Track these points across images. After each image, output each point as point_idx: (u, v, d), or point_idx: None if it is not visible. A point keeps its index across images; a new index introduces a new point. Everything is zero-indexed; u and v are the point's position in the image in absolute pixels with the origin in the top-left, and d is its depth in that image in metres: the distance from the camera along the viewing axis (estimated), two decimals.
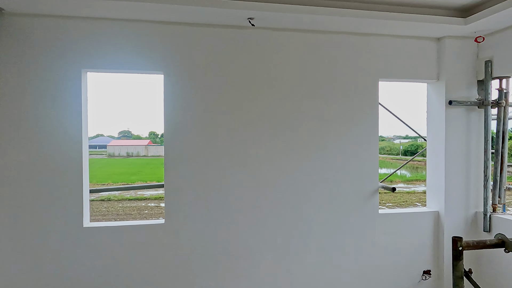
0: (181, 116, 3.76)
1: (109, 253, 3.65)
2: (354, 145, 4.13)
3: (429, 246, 4.34)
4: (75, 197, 3.56)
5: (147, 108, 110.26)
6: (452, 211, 4.27)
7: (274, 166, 3.95)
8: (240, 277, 3.92)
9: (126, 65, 3.65)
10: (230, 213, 3.87)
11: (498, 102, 4.18)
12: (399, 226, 4.27)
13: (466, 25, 3.81)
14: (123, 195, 23.34)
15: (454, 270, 2.19)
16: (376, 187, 4.20)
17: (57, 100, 3.51)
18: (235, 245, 3.89)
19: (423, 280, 4.31)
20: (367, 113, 4.16)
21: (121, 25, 3.60)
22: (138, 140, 70.02)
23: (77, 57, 3.53)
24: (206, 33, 3.78)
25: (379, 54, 4.16)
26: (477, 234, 4.28)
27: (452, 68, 4.23)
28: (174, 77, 3.74)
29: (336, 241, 4.10)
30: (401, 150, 48.26)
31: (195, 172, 3.79)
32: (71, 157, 3.55)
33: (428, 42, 4.29)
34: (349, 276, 4.14)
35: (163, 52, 3.71)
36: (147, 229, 3.74)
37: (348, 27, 3.88)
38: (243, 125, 3.88)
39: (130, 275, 3.70)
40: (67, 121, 3.54)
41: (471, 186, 4.31)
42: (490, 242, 2.24)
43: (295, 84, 3.98)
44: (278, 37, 3.93)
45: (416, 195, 23.09)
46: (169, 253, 3.76)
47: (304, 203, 4.02)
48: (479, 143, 4.30)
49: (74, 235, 3.57)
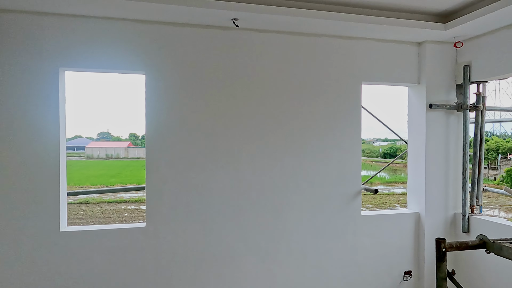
0: (163, 117, 3.69)
1: (87, 258, 3.53)
2: (337, 147, 4.15)
3: (410, 247, 4.40)
4: (52, 200, 3.43)
5: (128, 109, 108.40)
6: (432, 212, 4.35)
7: (257, 169, 3.92)
8: (222, 281, 3.86)
9: (106, 65, 3.55)
10: (212, 216, 3.81)
11: (476, 106, 4.29)
12: (381, 228, 4.31)
13: (446, 31, 3.89)
14: (102, 197, 22.82)
15: (437, 271, 2.21)
16: (359, 189, 4.23)
17: (34, 99, 3.38)
18: (217, 248, 3.84)
19: (404, 281, 4.36)
20: (350, 116, 4.19)
21: (101, 23, 3.51)
22: (118, 141, 68.73)
23: (55, 55, 3.41)
24: (189, 33, 3.72)
25: (362, 58, 4.20)
26: (456, 235, 4.37)
27: (432, 72, 4.31)
28: (156, 77, 3.67)
29: (319, 243, 4.11)
30: (381, 152, 49.17)
31: (177, 174, 3.72)
32: (48, 159, 3.42)
33: (409, 47, 4.36)
34: (331, 277, 4.15)
35: (145, 51, 3.63)
36: (127, 233, 3.64)
37: (331, 30, 3.90)
38: (225, 127, 3.84)
39: (109, 281, 3.59)
40: (44, 121, 3.41)
41: (450, 188, 4.41)
42: (472, 243, 2.28)
43: (278, 86, 3.97)
44: (261, 38, 3.91)
45: (395, 196, 23.55)
46: (150, 257, 3.67)
47: (286, 206, 4.01)
48: (457, 145, 4.40)
49: (51, 239, 3.44)
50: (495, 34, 3.89)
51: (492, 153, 34.69)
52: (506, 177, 25.06)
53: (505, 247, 2.18)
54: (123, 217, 18.22)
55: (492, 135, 44.49)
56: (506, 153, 34.48)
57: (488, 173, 31.48)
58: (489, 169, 32.73)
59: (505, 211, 19.82)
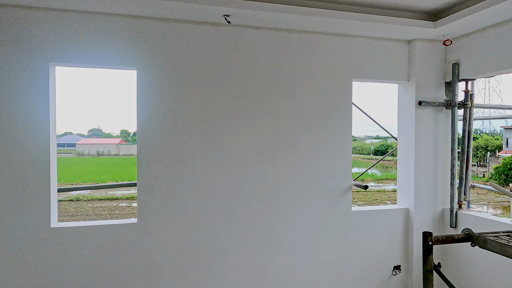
0: (154, 113, 3.69)
1: (78, 254, 3.52)
2: (328, 144, 4.19)
3: (399, 242, 4.47)
4: (42, 196, 3.41)
5: (119, 105, 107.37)
6: (421, 208, 4.42)
7: (248, 165, 3.94)
8: (214, 276, 3.88)
9: (97, 60, 3.53)
10: (203, 212, 3.83)
11: (464, 103, 4.36)
12: (371, 223, 4.37)
13: (435, 29, 3.95)
14: (93, 194, 22.70)
15: (424, 264, 2.26)
16: (349, 185, 4.28)
17: (23, 95, 3.35)
18: (209, 244, 3.86)
19: (393, 275, 4.43)
20: (341, 112, 4.22)
21: (92, 17, 3.48)
22: (109, 138, 68.25)
23: (45, 50, 3.38)
24: (181, 29, 3.72)
25: (353, 55, 4.24)
26: (444, 230, 4.45)
27: (422, 70, 4.37)
28: (148, 73, 3.66)
29: (310, 238, 4.15)
30: (372, 150, 49.60)
31: (168, 170, 3.72)
32: (38, 154, 3.40)
33: (399, 44, 4.41)
34: (322, 272, 4.20)
35: (136, 47, 3.61)
36: (118, 229, 3.64)
37: (322, 27, 3.92)
38: (217, 123, 3.85)
39: (100, 277, 3.58)
40: (33, 117, 3.38)
41: (439, 184, 4.48)
42: (458, 236, 2.33)
43: (269, 82, 3.99)
44: (253, 35, 3.92)
45: (386, 193, 23.82)
46: (141, 253, 3.68)
47: (278, 201, 4.04)
48: (446, 142, 4.47)
49: (41, 236, 3.42)
50: (483, 32, 3.95)
51: (481, 151, 35.22)
52: (494, 174, 25.48)
53: (490, 240, 2.23)
54: (115, 214, 18.14)
55: (481, 132, 45.13)
56: (495, 151, 35.03)
57: (477, 170, 31.95)
58: (478, 166, 33.22)
59: (493, 207, 20.18)
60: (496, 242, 2.18)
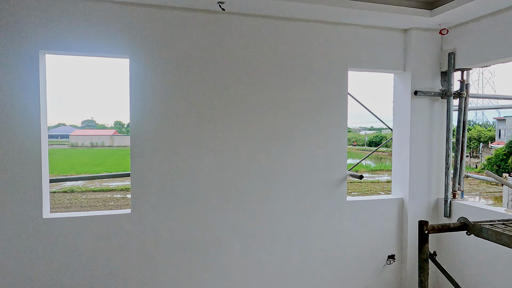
0: (147, 102, 3.63)
1: (71, 245, 3.49)
2: (323, 133, 4.16)
3: (393, 232, 4.49)
4: (34, 186, 3.35)
5: (113, 96, 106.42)
6: (415, 197, 4.43)
7: (243, 155, 3.91)
8: (209, 266, 3.88)
9: (88, 48, 3.45)
10: (197, 202, 3.80)
11: (460, 93, 4.35)
12: (366, 213, 4.38)
13: (431, 17, 3.91)
14: (87, 186, 22.58)
15: (419, 252, 2.26)
16: (344, 175, 4.27)
17: (12, 83, 3.27)
18: (203, 234, 3.84)
19: (387, 264, 4.46)
20: (336, 102, 4.19)
21: (83, 4, 3.39)
22: (103, 129, 67.73)
23: (34, 37, 3.29)
24: (174, 16, 3.64)
25: (348, 44, 4.20)
26: (438, 219, 4.48)
27: (417, 59, 4.34)
28: (141, 62, 3.59)
29: (305, 228, 4.15)
30: (366, 141, 49.79)
31: (162, 160, 3.68)
32: (29, 144, 3.33)
33: (395, 33, 4.37)
34: (317, 262, 4.21)
35: (128, 35, 3.54)
36: (112, 219, 3.60)
37: (318, 15, 3.87)
38: (211, 113, 3.80)
39: (93, 268, 3.56)
40: (23, 106, 3.31)
41: (433, 173, 4.49)
42: (453, 225, 2.33)
43: (264, 71, 3.94)
44: (248, 23, 3.86)
45: (380, 184, 23.97)
46: (136, 244, 3.65)
47: (273, 192, 4.02)
48: (441, 132, 4.47)
49: (33, 226, 3.38)
50: (479, 21, 3.92)
51: (474, 142, 35.52)
52: (487, 165, 25.73)
53: (485, 229, 2.23)
54: (109, 206, 18.07)
55: (474, 124, 45.44)
56: (487, 142, 35.36)
57: (470, 161, 32.26)
58: (471, 157, 33.54)
59: (485, 198, 20.41)
60: (492, 230, 2.18)
